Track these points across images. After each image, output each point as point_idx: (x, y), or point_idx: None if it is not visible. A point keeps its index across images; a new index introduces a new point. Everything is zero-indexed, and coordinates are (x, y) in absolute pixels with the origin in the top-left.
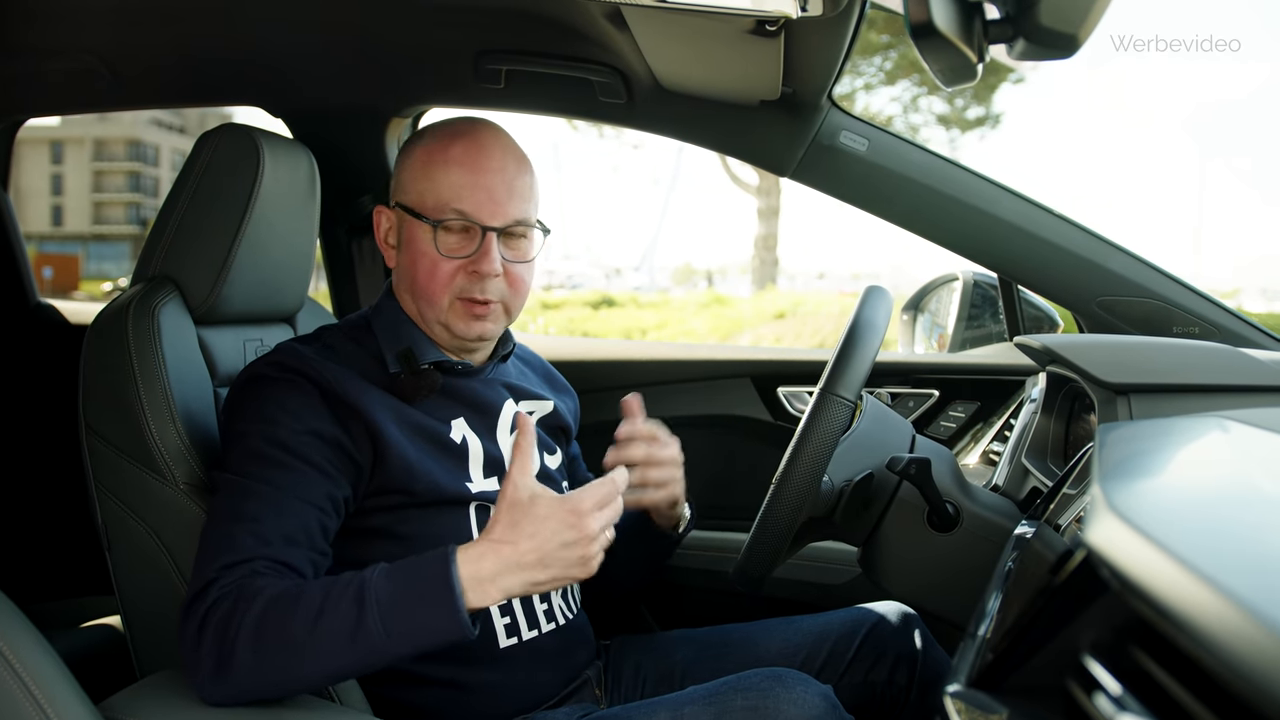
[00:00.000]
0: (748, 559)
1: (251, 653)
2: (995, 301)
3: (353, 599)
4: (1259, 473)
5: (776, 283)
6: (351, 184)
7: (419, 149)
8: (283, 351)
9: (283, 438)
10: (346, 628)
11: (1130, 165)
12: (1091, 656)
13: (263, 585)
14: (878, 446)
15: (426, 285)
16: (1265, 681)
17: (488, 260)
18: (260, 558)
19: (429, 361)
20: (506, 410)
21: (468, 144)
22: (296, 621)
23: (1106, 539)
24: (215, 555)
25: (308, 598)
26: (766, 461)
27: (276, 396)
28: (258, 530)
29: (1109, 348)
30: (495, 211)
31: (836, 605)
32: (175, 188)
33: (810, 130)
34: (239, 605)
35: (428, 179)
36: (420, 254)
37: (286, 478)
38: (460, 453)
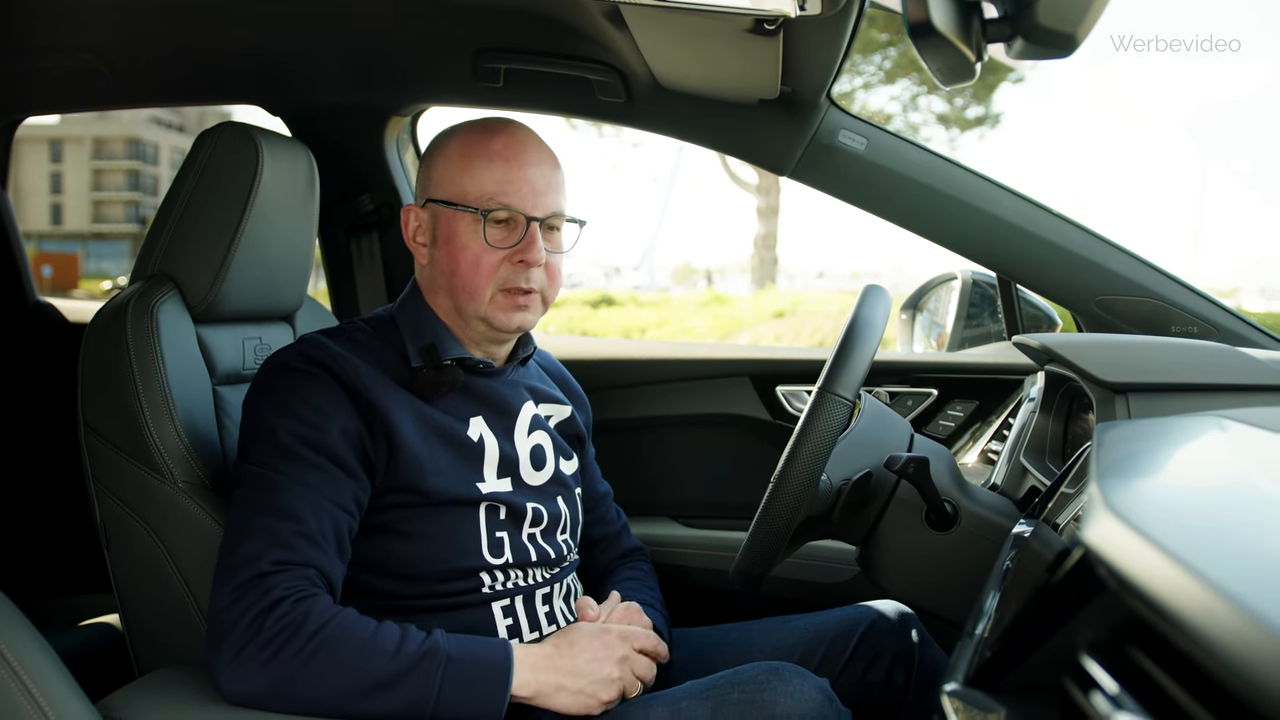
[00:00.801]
0: (746, 558)
1: (317, 667)
2: (994, 301)
3: (421, 658)
4: (1257, 472)
5: (776, 282)
6: (350, 183)
7: (454, 144)
8: (308, 343)
9: (315, 438)
10: (405, 680)
11: (1130, 165)
12: (1089, 655)
13: (334, 606)
14: (876, 445)
15: (471, 277)
16: (1262, 680)
17: (534, 249)
18: (312, 565)
19: (451, 358)
20: (525, 412)
21: (507, 139)
22: (370, 658)
23: (1104, 538)
24: (265, 548)
25: (381, 637)
26: (765, 460)
27: (302, 390)
28: (305, 531)
29: (1107, 347)
30: (538, 203)
31: (834, 604)
32: (174, 186)
33: (809, 129)
34: (312, 619)
35: (468, 173)
36: (463, 247)
37: (317, 476)
38: (476, 452)
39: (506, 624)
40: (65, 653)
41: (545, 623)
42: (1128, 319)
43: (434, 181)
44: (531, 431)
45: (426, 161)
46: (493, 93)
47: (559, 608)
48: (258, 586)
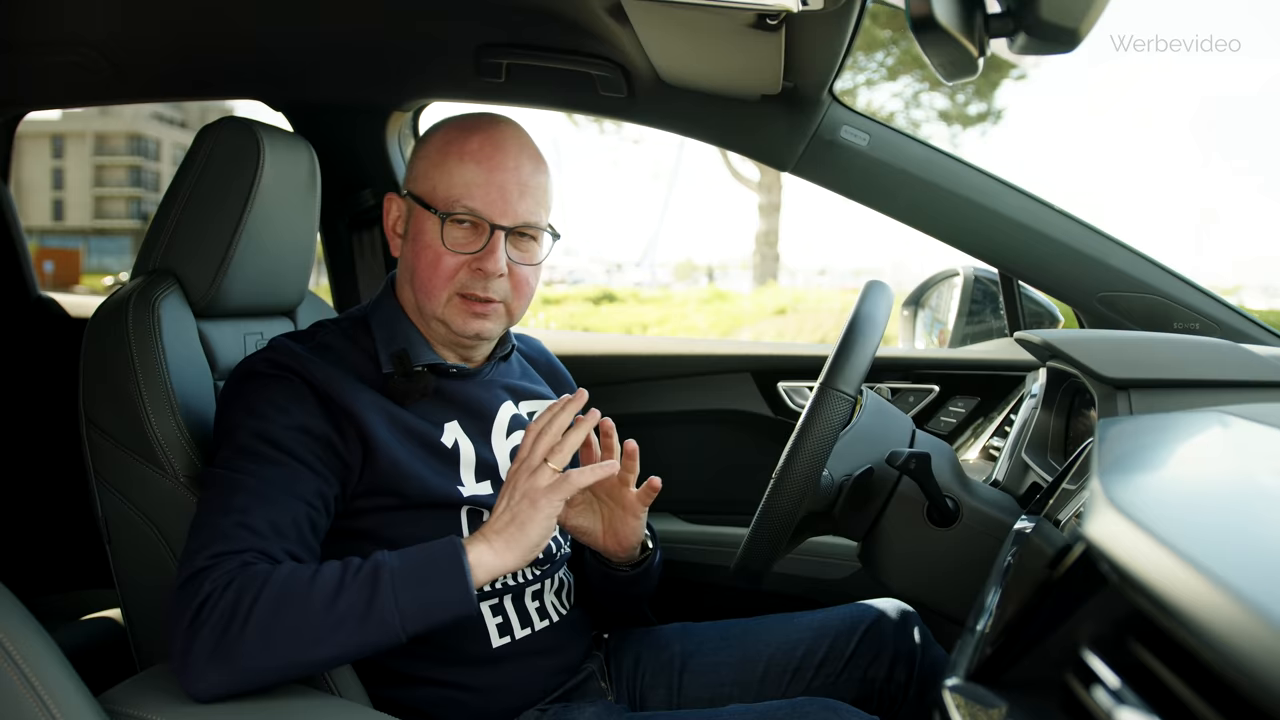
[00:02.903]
0: (747, 553)
1: (260, 635)
2: (996, 297)
3: (367, 578)
4: (1259, 468)
5: (778, 279)
6: (352, 178)
7: (436, 139)
8: (276, 348)
9: (271, 433)
10: (360, 608)
11: (1132, 162)
12: (1090, 650)
13: (266, 570)
14: (878, 441)
15: (428, 278)
16: (1264, 675)
17: (492, 259)
18: (251, 549)
19: (423, 364)
20: (503, 413)
21: (484, 139)
22: (313, 602)
23: (1106, 533)
24: (205, 544)
25: (322, 579)
26: (766, 456)
27: (267, 392)
28: (246, 521)
29: (1109, 343)
30: (505, 210)
31: (836, 601)
32: (176, 181)
33: (811, 125)
34: (245, 592)
35: (442, 171)
36: (425, 246)
37: (274, 471)
38: (451, 457)
39: (496, 622)
40: (67, 647)
41: (537, 618)
42: (1130, 315)
43: (413, 174)
44: (511, 433)
45: (414, 151)
46: (495, 88)
47: (550, 602)
48: (191, 584)
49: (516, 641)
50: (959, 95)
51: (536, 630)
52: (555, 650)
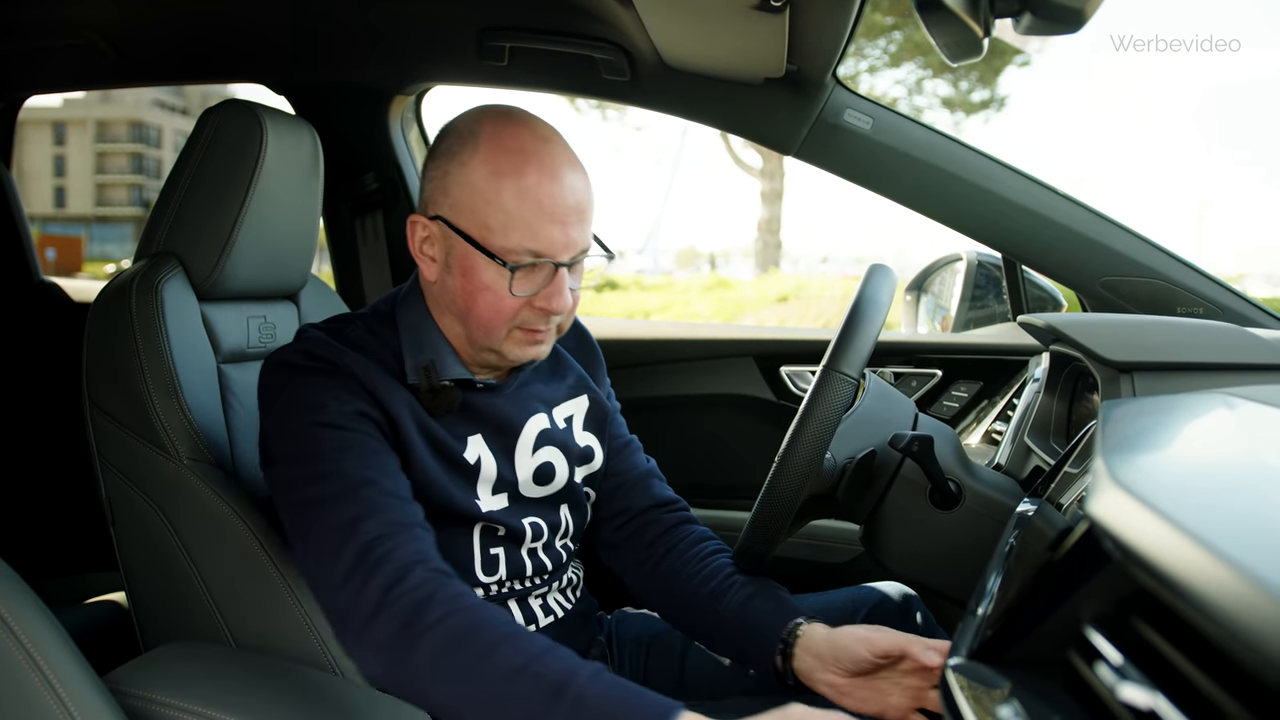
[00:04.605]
0: (750, 536)
1: (429, 655)
2: (999, 282)
3: (552, 685)
4: (1264, 447)
5: (780, 266)
6: (354, 162)
7: (478, 162)
8: (310, 340)
9: (333, 419)
10: (523, 706)
11: (1136, 150)
12: (1093, 628)
13: (465, 594)
14: (880, 424)
15: (489, 320)
16: (1269, 649)
17: (560, 298)
18: (417, 524)
19: (450, 378)
20: (530, 428)
21: (539, 170)
22: (487, 665)
23: (1109, 511)
24: (362, 514)
25: (514, 647)
26: (769, 441)
27: (312, 381)
28: (386, 488)
29: (1113, 326)
30: (567, 245)
31: (837, 584)
32: (178, 164)
33: (815, 108)
34: (435, 603)
35: (495, 208)
36: (483, 288)
37: (369, 445)
38: (471, 472)
39: None
40: (72, 629)
41: (542, 615)
42: (1133, 300)
43: (450, 200)
44: (538, 448)
45: (441, 162)
46: (497, 72)
47: (554, 599)
48: (369, 556)
49: None
50: (962, 82)
51: (541, 626)
52: (560, 643)
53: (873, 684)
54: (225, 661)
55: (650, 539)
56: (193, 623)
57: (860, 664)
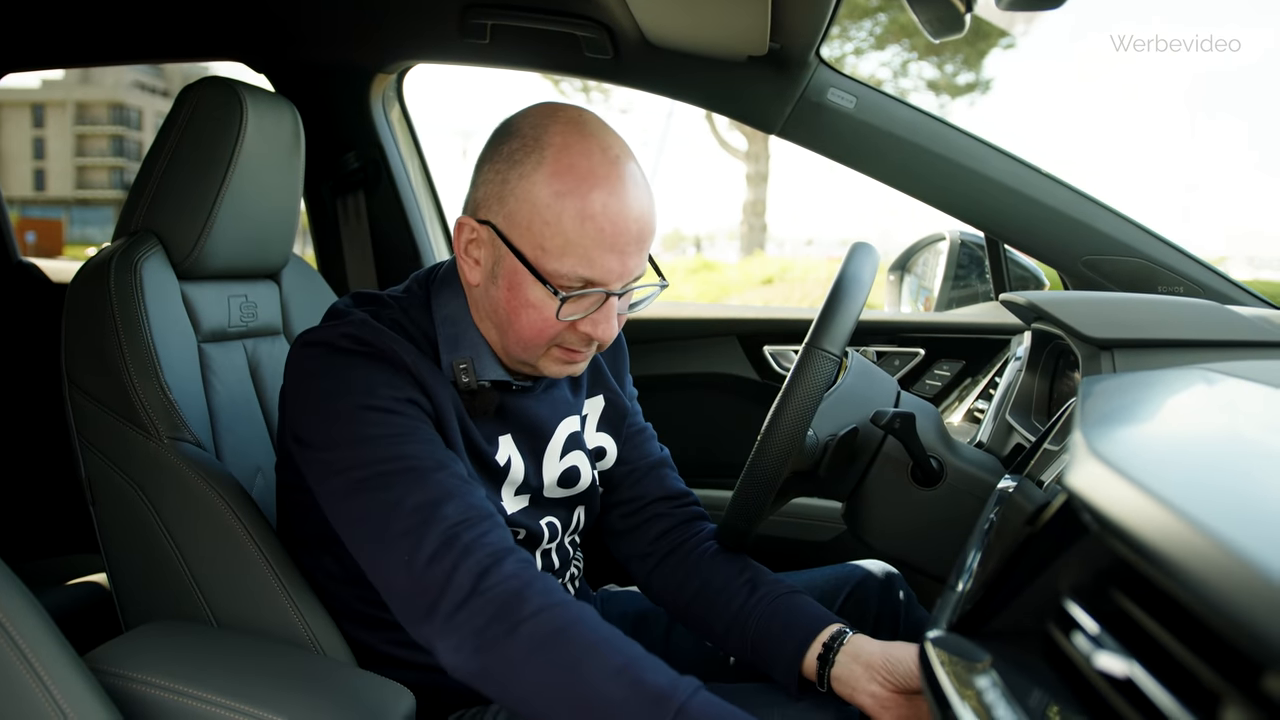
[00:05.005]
0: (732, 513)
1: (519, 650)
2: (982, 262)
3: (652, 699)
4: (1242, 421)
5: (765, 248)
6: (335, 141)
7: (542, 179)
8: (355, 323)
9: (384, 405)
10: (630, 712)
11: (1123, 132)
12: (1071, 599)
13: (559, 592)
14: (863, 402)
15: (529, 337)
16: (1245, 617)
17: (607, 326)
18: (493, 512)
19: (487, 379)
20: (561, 431)
21: (609, 195)
22: (581, 669)
23: (1087, 482)
24: (440, 498)
25: (611, 652)
26: (752, 420)
27: (359, 368)
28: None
29: (1094, 303)
30: (623, 275)
31: (820, 562)
32: (157, 141)
33: (798, 87)
34: (530, 596)
35: (554, 230)
36: (528, 305)
37: (425, 432)
38: (499, 474)
39: None
40: (53, 611)
41: None
42: (1114, 279)
43: (506, 210)
44: (566, 453)
45: (500, 167)
46: (479, 50)
47: None
48: (456, 541)
49: None
50: (947, 65)
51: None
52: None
53: (914, 702)
54: (207, 640)
55: (658, 533)
56: (174, 602)
57: (911, 680)
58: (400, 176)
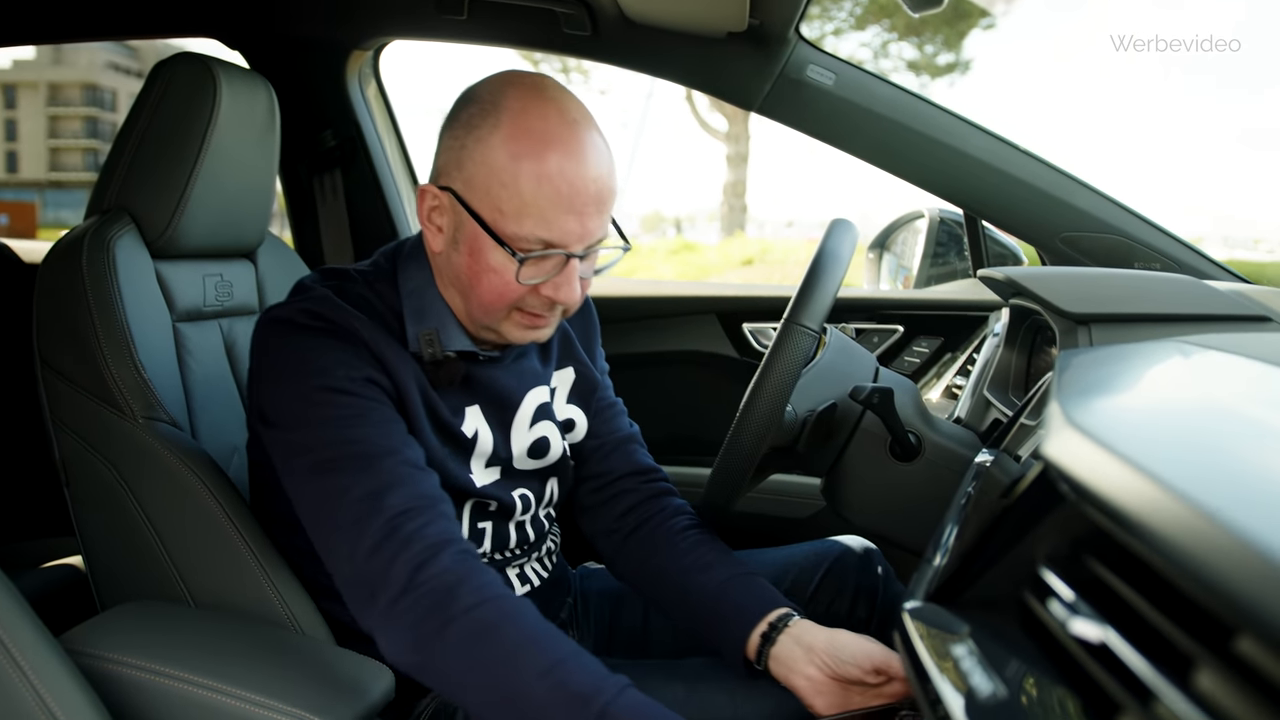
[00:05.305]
0: (712, 488)
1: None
2: (960, 239)
3: (577, 697)
4: (1219, 391)
5: (745, 230)
6: (311, 119)
7: (499, 139)
8: (314, 298)
9: (340, 385)
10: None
11: (1103, 115)
12: (1047, 567)
13: (496, 585)
14: (841, 378)
15: (490, 302)
16: (1220, 581)
17: (568, 289)
18: (441, 500)
19: (454, 349)
20: (529, 401)
21: (564, 155)
22: (513, 664)
23: (1064, 452)
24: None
25: (541, 649)
26: (731, 397)
27: (318, 345)
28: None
29: (1071, 278)
30: (583, 236)
31: (798, 539)
32: (129, 118)
33: (777, 63)
34: (466, 590)
35: (511, 192)
36: (489, 270)
37: (380, 414)
38: (467, 445)
39: None
40: (28, 594)
41: (518, 584)
42: (1091, 255)
43: (465, 175)
44: (535, 423)
45: (458, 132)
46: (457, 26)
47: (531, 569)
48: (397, 532)
49: None
50: (927, 46)
51: (518, 595)
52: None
53: (849, 690)
54: (184, 619)
55: (624, 508)
56: (151, 583)
57: (848, 670)
58: (377, 155)
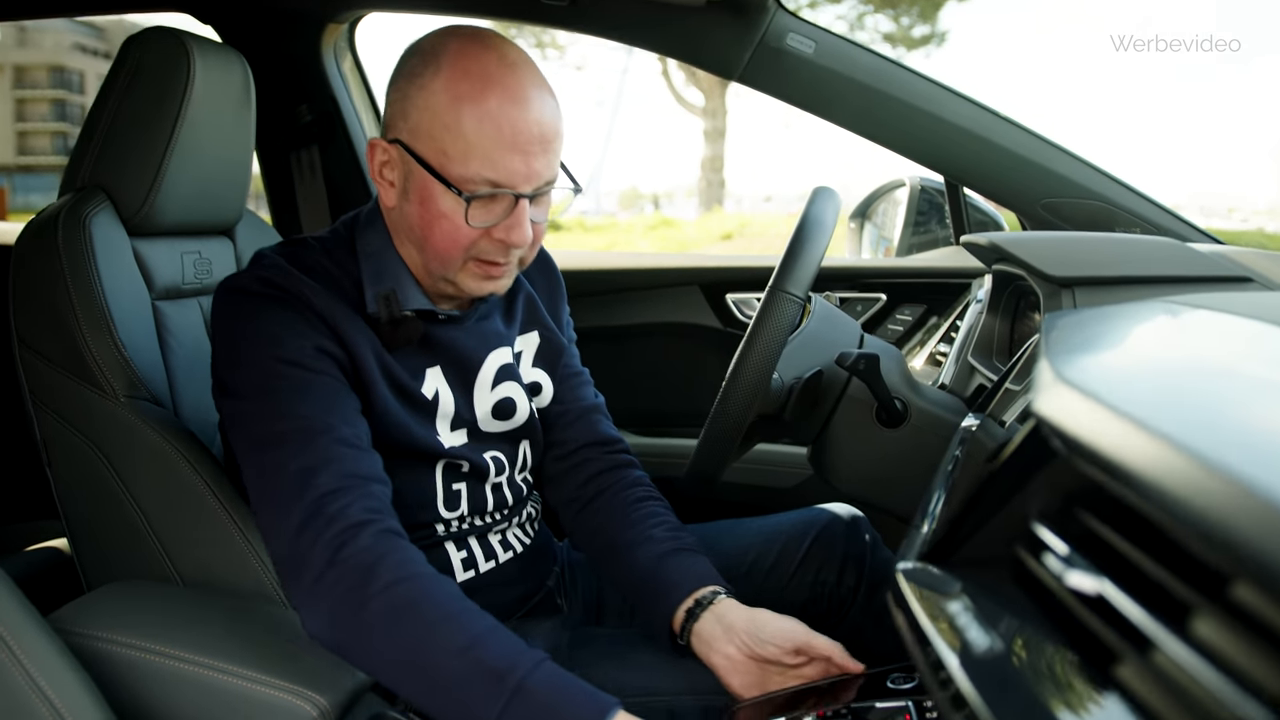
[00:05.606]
0: (699, 457)
1: (372, 625)
2: (941, 208)
3: (495, 673)
4: (1207, 346)
5: (723, 205)
6: (288, 94)
7: (439, 85)
8: (268, 266)
9: (292, 355)
10: (465, 686)
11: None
12: (1040, 523)
13: (418, 563)
14: (827, 345)
15: (444, 249)
16: (1218, 527)
17: (519, 231)
18: (376, 480)
19: (412, 308)
20: (491, 362)
21: (504, 95)
22: (432, 641)
23: (1056, 407)
24: (320, 463)
25: (460, 626)
26: (715, 368)
27: (271, 313)
28: (343, 437)
29: (1055, 242)
30: (530, 176)
31: (785, 509)
32: (101, 94)
33: (757, 32)
34: (384, 568)
35: (454, 134)
36: (439, 216)
37: (324, 388)
38: (429, 408)
39: (461, 557)
40: (10, 577)
41: (501, 550)
42: (1072, 221)
43: (410, 124)
44: (497, 384)
45: (401, 84)
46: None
47: (513, 535)
48: (322, 511)
49: (481, 574)
50: (903, 18)
51: (501, 563)
52: (519, 579)
53: (765, 670)
54: (172, 597)
55: (585, 478)
56: (137, 562)
57: (767, 650)
58: (355, 130)
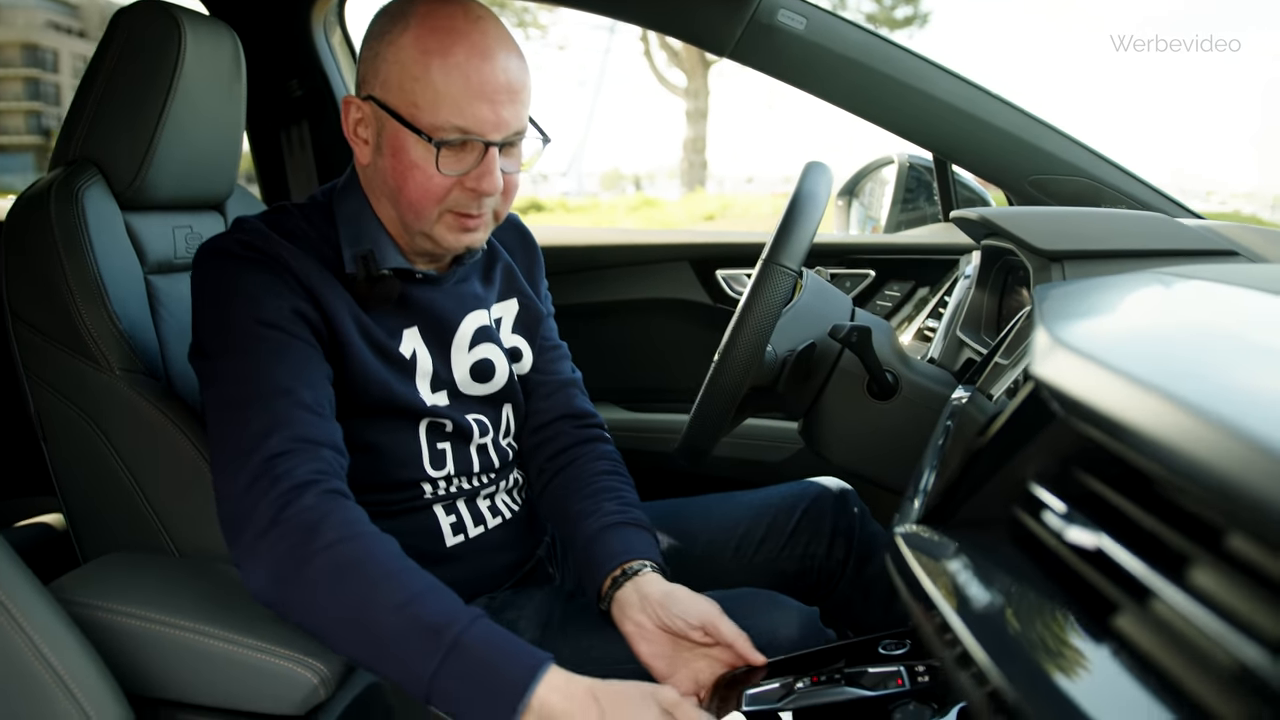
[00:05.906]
0: (692, 430)
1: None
2: (929, 185)
3: (431, 629)
4: (1199, 311)
5: (705, 186)
6: (277, 69)
7: (408, 40)
8: (248, 230)
9: (268, 316)
10: (404, 643)
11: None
12: (1038, 484)
13: (359, 522)
14: (819, 319)
15: (418, 200)
16: (1213, 477)
17: (490, 179)
18: (326, 445)
19: (389, 268)
20: (468, 324)
21: (470, 47)
22: (373, 600)
23: (1056, 370)
24: (271, 427)
25: (400, 584)
26: (705, 344)
27: (249, 275)
28: (301, 402)
29: (1044, 216)
30: (498, 124)
31: (775, 482)
32: (92, 67)
33: (749, 7)
34: (326, 528)
35: (423, 85)
36: (411, 166)
37: (293, 353)
38: (408, 367)
39: (450, 521)
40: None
41: (489, 516)
42: (1059, 197)
43: (380, 79)
44: (475, 345)
45: (372, 43)
46: None
47: (502, 500)
48: (270, 471)
49: (470, 540)
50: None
51: (490, 528)
52: (509, 545)
53: (677, 644)
54: (171, 568)
55: (554, 451)
56: (133, 534)
57: (675, 622)
58: None
